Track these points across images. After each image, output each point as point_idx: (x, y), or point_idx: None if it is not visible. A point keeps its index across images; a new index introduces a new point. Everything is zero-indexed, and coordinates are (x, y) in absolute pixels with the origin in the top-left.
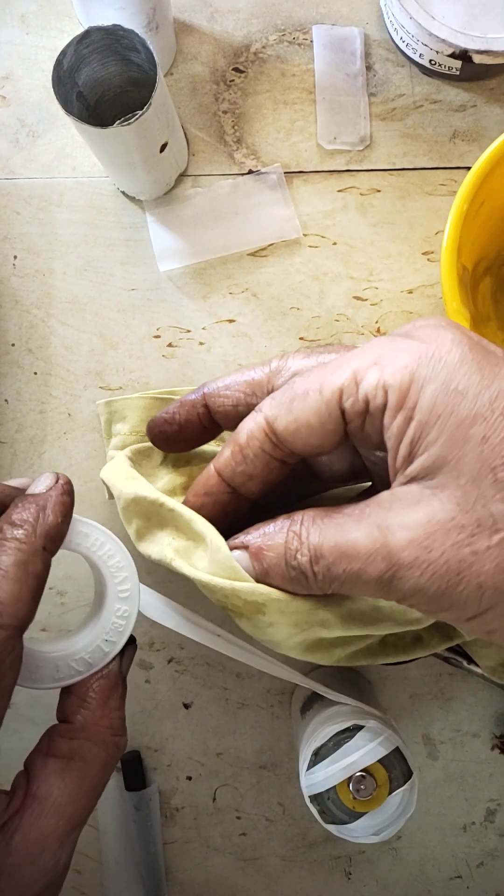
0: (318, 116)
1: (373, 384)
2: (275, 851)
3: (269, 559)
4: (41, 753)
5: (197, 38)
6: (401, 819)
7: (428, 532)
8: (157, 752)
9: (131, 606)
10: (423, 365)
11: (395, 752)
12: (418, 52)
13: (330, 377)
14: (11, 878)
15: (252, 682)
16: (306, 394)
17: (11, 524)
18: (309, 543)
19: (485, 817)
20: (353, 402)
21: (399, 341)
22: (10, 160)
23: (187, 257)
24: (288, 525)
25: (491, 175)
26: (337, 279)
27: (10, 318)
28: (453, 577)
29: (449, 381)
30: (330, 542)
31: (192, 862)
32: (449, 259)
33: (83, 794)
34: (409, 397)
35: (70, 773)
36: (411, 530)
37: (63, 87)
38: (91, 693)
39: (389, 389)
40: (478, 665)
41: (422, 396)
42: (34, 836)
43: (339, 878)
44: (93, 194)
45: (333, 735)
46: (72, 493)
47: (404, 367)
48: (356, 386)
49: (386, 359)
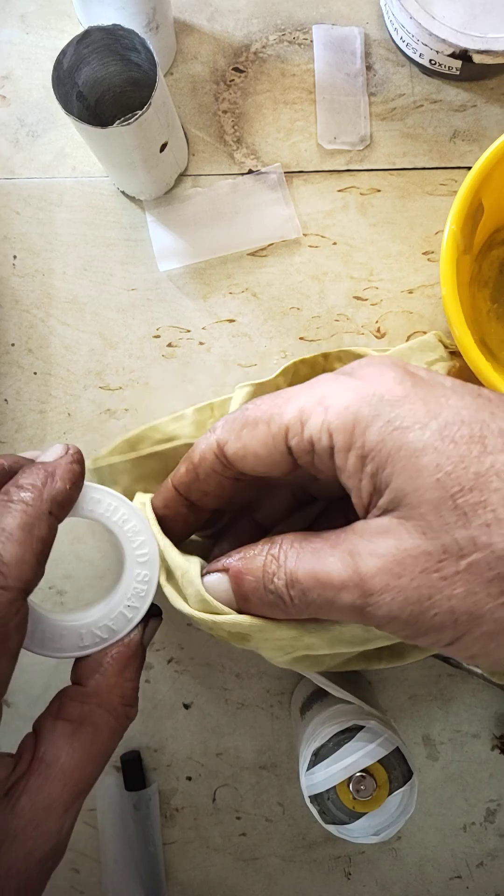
0: (318, 116)
1: (317, 426)
2: (274, 851)
3: (248, 583)
4: (51, 716)
5: (197, 38)
6: (401, 819)
7: (397, 559)
8: (157, 752)
9: (151, 570)
10: (365, 405)
11: (395, 753)
12: (418, 51)
13: (277, 412)
14: (16, 841)
15: (252, 682)
16: (256, 423)
17: (19, 487)
18: (286, 568)
19: (485, 817)
20: (299, 442)
21: (342, 380)
22: (10, 160)
23: (187, 257)
24: (267, 549)
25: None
26: (337, 279)
27: (10, 318)
28: (424, 603)
29: (393, 418)
30: (306, 567)
31: (192, 862)
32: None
33: (90, 760)
34: (354, 437)
35: (79, 738)
36: (382, 558)
37: (63, 87)
38: (108, 659)
39: (334, 432)
40: (478, 665)
41: (367, 435)
42: (40, 800)
43: (339, 878)
44: (93, 194)
45: (333, 735)
46: (82, 463)
47: (346, 407)
48: (301, 426)
49: (329, 399)
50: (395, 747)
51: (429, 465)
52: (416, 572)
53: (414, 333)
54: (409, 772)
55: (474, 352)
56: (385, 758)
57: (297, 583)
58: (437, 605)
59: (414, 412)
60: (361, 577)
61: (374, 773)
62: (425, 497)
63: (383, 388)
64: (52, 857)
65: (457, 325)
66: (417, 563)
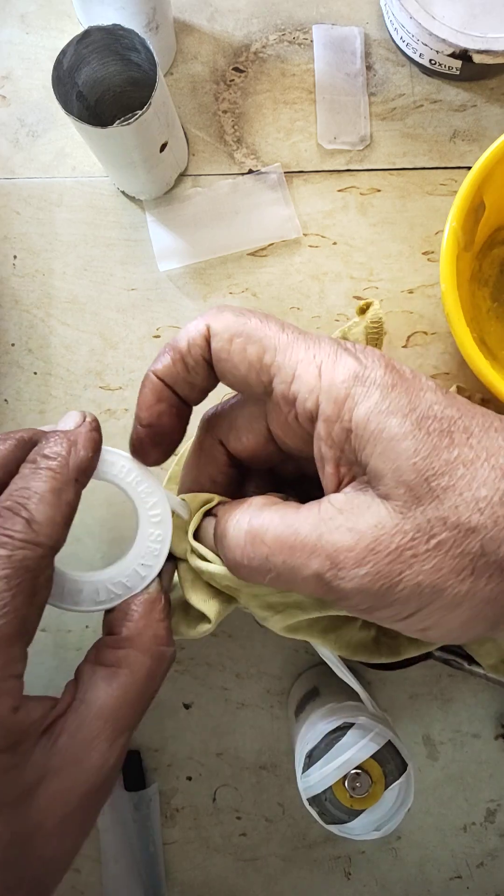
0: (318, 116)
1: (307, 388)
2: (274, 852)
3: (220, 528)
4: (89, 662)
5: (197, 38)
6: (400, 813)
7: (376, 535)
8: (157, 752)
9: (164, 530)
10: (360, 384)
11: (388, 746)
12: (418, 51)
13: (271, 353)
14: (57, 776)
15: (252, 682)
16: (247, 342)
17: (45, 457)
18: (250, 526)
19: (485, 817)
20: (284, 390)
21: (343, 355)
22: (10, 160)
23: (187, 257)
24: (245, 506)
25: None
26: (337, 279)
27: (10, 318)
28: (395, 578)
29: (381, 401)
30: (275, 529)
31: (192, 862)
32: (450, 248)
33: (130, 700)
34: (343, 410)
35: (117, 679)
36: (360, 534)
37: (63, 87)
38: (134, 607)
39: (323, 400)
40: (479, 666)
41: (356, 412)
42: (80, 737)
43: (339, 878)
44: (93, 194)
45: (325, 735)
46: (100, 430)
47: (342, 381)
48: (292, 377)
49: (326, 367)
50: (387, 741)
51: (408, 450)
52: (392, 548)
53: (414, 333)
54: (404, 764)
55: (473, 350)
56: (377, 752)
57: (262, 544)
58: (407, 581)
59: (399, 401)
60: (335, 549)
61: (369, 768)
62: (403, 478)
63: (377, 374)
64: (96, 792)
65: (456, 321)
66: (393, 540)
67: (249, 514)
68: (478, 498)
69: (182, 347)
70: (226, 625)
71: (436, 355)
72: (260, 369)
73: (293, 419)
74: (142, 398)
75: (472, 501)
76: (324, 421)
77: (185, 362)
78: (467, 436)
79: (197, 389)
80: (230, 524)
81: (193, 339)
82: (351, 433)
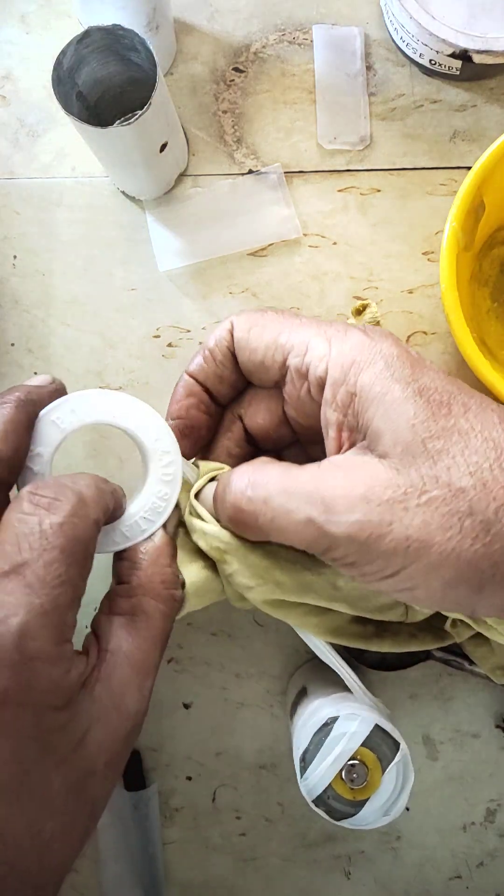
0: (318, 116)
1: (318, 356)
2: (274, 851)
3: (219, 488)
4: (104, 614)
5: (197, 38)
6: (404, 793)
7: (369, 486)
8: (157, 752)
9: (172, 490)
10: (366, 351)
11: (376, 731)
12: (418, 51)
13: (287, 332)
14: (100, 724)
15: (251, 682)
16: (265, 329)
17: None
18: (254, 474)
19: (485, 817)
20: (298, 364)
21: (352, 330)
22: (10, 160)
23: (187, 257)
24: (249, 462)
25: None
26: (337, 279)
27: (9, 318)
28: (385, 528)
29: (386, 368)
30: (275, 478)
31: (192, 862)
32: (450, 248)
33: (150, 643)
34: (350, 374)
35: (135, 625)
36: (355, 484)
37: (63, 87)
38: (140, 555)
39: (331, 366)
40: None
41: (361, 377)
42: (114, 685)
43: (339, 877)
44: (93, 194)
45: (313, 736)
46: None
47: (350, 348)
48: (305, 350)
49: (335, 339)
50: (374, 725)
51: (407, 412)
52: (383, 500)
53: (414, 333)
54: (396, 743)
55: (473, 350)
56: (366, 740)
57: (261, 487)
58: (395, 532)
59: (403, 370)
60: (330, 495)
61: (362, 757)
62: (400, 438)
63: (384, 345)
64: (133, 733)
65: (456, 321)
66: (385, 492)
67: (254, 466)
68: (469, 463)
69: (210, 345)
70: (226, 625)
71: (436, 355)
72: (276, 348)
73: (305, 393)
74: (174, 394)
75: (465, 465)
76: (331, 385)
77: (213, 356)
78: (465, 409)
79: (226, 383)
80: (234, 475)
81: (220, 335)
82: (355, 396)
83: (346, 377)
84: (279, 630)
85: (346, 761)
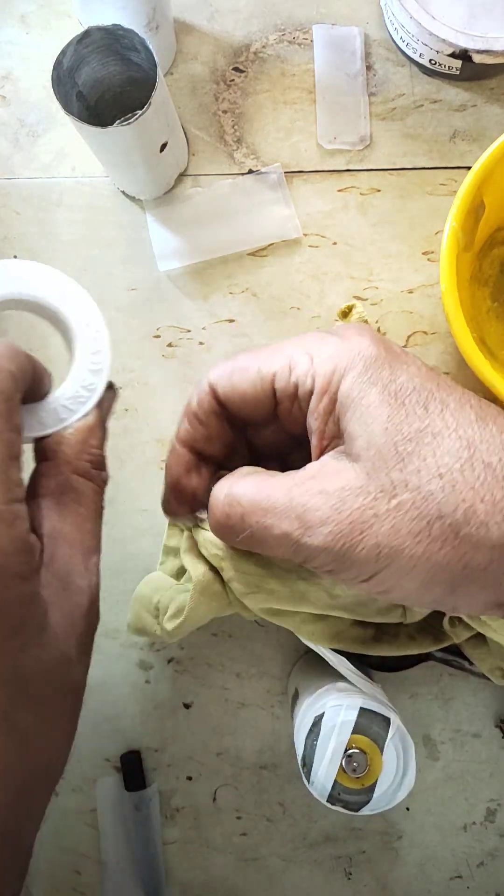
0: (318, 116)
1: (303, 372)
2: (275, 851)
3: (211, 500)
4: (31, 498)
5: (197, 38)
6: (409, 762)
7: (341, 497)
8: (157, 752)
9: (99, 380)
10: (345, 357)
11: (363, 714)
12: (418, 51)
13: (267, 360)
14: (55, 606)
15: (252, 682)
16: (246, 369)
17: None
18: (230, 490)
19: (485, 817)
20: (285, 386)
21: (327, 338)
22: (10, 160)
23: (187, 257)
24: (230, 474)
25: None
26: (337, 279)
27: (10, 318)
28: (356, 537)
29: (365, 371)
30: (251, 493)
31: (192, 862)
32: (450, 248)
33: (86, 520)
34: (332, 382)
35: (66, 505)
36: (327, 495)
37: (63, 87)
38: (70, 431)
39: (317, 377)
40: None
41: (343, 382)
42: (58, 567)
43: (339, 878)
44: (93, 194)
45: (305, 739)
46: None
47: (329, 357)
48: (289, 371)
49: (315, 351)
50: (359, 709)
51: (381, 415)
52: (354, 508)
53: (414, 333)
54: (385, 719)
55: (473, 350)
56: (356, 726)
57: (239, 505)
58: (366, 540)
59: (380, 371)
60: (305, 509)
61: (357, 744)
62: (373, 441)
63: (361, 347)
64: (90, 612)
65: (455, 321)
66: (357, 500)
67: (232, 480)
68: (440, 465)
69: (193, 406)
70: (226, 625)
71: (436, 355)
72: (262, 381)
73: (297, 410)
74: (167, 463)
75: (434, 467)
76: (316, 396)
77: (198, 417)
78: (442, 408)
79: (216, 442)
80: (215, 489)
81: (200, 395)
82: (335, 402)
83: (329, 386)
84: (279, 630)
85: (342, 754)
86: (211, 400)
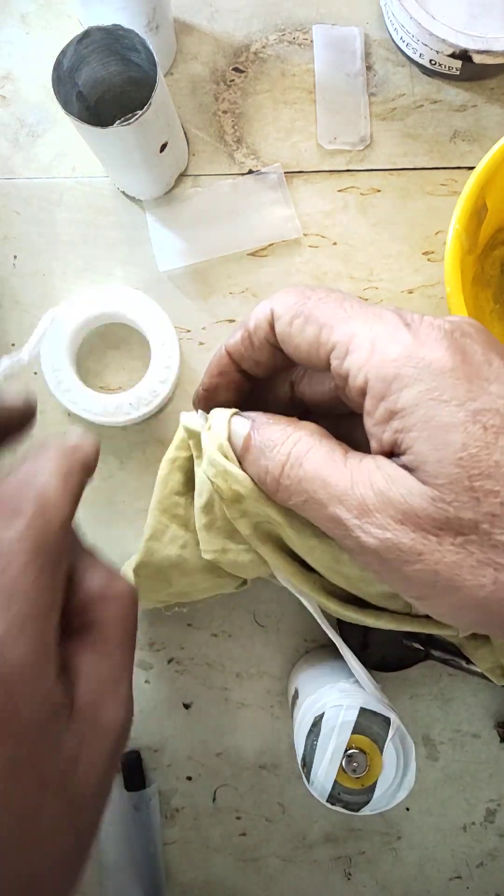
0: (318, 116)
1: (357, 365)
2: (275, 852)
3: (255, 439)
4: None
5: (197, 38)
6: (410, 761)
7: (403, 510)
8: (157, 752)
9: (163, 388)
10: (411, 365)
11: (363, 714)
12: (418, 51)
13: (332, 323)
14: (85, 744)
15: (252, 682)
16: (308, 321)
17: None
18: (297, 450)
19: (485, 817)
20: (338, 366)
21: (400, 332)
22: (10, 160)
23: (187, 257)
24: (294, 427)
25: None
26: (337, 279)
27: (10, 318)
28: (413, 556)
29: (433, 387)
30: (317, 463)
31: (192, 862)
32: (454, 251)
33: (114, 649)
34: (391, 390)
35: (91, 640)
36: (390, 501)
37: (63, 87)
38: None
39: (371, 378)
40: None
41: (403, 393)
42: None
43: (339, 878)
44: (93, 194)
45: (305, 739)
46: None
47: (393, 360)
48: (345, 354)
49: (380, 344)
50: (359, 709)
51: (455, 442)
52: (417, 527)
53: None
54: (385, 720)
55: None
56: (356, 726)
57: (300, 467)
58: (424, 562)
59: (455, 388)
60: (363, 503)
61: (357, 744)
62: (444, 471)
63: (434, 356)
64: (119, 746)
65: None
66: (420, 523)
67: (298, 438)
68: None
69: (250, 327)
70: (226, 625)
71: None
72: (319, 346)
73: (347, 396)
74: (209, 366)
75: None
76: (371, 398)
77: (251, 340)
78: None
79: (262, 367)
80: (280, 442)
81: (259, 322)
82: (396, 414)
83: (387, 393)
84: (280, 630)
85: (342, 754)
86: (268, 329)
